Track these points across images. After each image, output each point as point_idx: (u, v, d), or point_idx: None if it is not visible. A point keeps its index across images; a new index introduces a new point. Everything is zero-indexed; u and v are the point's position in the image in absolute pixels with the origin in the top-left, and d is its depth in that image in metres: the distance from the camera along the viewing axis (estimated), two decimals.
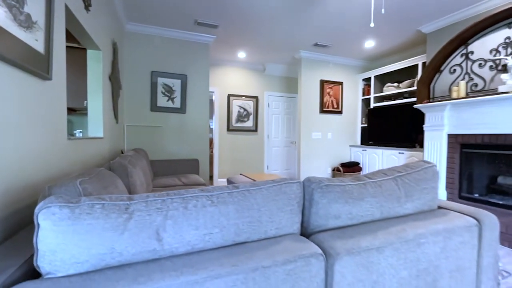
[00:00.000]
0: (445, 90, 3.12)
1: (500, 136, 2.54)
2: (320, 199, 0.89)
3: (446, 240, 0.96)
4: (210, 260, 0.67)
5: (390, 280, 0.84)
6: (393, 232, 0.89)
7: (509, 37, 2.56)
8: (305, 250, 0.74)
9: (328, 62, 4.59)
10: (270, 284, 0.67)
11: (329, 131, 4.72)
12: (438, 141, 3.07)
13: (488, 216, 1.09)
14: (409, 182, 1.07)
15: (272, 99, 5.39)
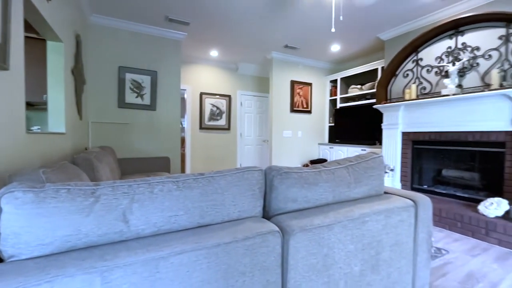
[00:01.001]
0: (400, 92, 3.45)
1: (443, 133, 2.89)
2: (280, 185, 0.99)
3: (387, 219, 1.12)
4: (175, 239, 0.73)
5: (338, 253, 0.96)
6: (342, 212, 1.02)
7: (450, 47, 2.92)
8: (264, 229, 0.83)
9: (298, 63, 4.80)
10: (230, 258, 0.75)
11: (299, 130, 4.93)
12: (394, 138, 3.39)
13: (423, 199, 1.28)
14: (358, 170, 1.22)
15: (244, 98, 5.47)
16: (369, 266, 1.06)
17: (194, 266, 0.70)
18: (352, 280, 1.00)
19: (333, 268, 0.95)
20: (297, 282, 0.87)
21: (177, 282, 0.67)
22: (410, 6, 2.86)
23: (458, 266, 1.82)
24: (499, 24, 2.53)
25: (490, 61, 2.59)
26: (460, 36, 2.84)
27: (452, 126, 2.79)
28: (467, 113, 2.66)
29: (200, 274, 0.70)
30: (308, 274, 0.89)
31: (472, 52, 2.73)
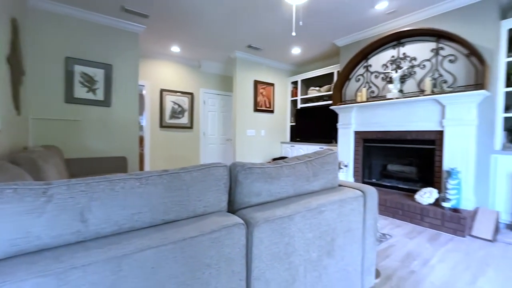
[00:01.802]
0: (353, 95, 3.78)
1: (388, 132, 3.25)
2: (244, 180, 1.03)
3: (340, 208, 1.24)
4: (138, 236, 0.72)
5: (298, 241, 1.04)
6: (301, 204, 1.10)
7: (393, 56, 3.30)
8: (229, 221, 0.86)
9: (262, 64, 4.90)
10: (196, 252, 0.76)
11: (262, 129, 5.04)
12: (348, 137, 3.70)
13: (370, 189, 1.44)
14: (316, 165, 1.32)
15: (208, 96, 5.40)
16: (325, 252, 1.16)
17: (160, 262, 0.69)
18: (311, 265, 1.09)
19: (294, 255, 1.02)
20: (261, 271, 0.92)
21: (141, 278, 0.67)
22: (361, 17, 3.15)
23: (399, 248, 2.09)
24: (431, 38, 2.95)
25: (424, 70, 3.00)
26: (401, 47, 3.22)
27: (395, 126, 3.16)
28: (407, 115, 3.04)
29: (167, 269, 0.70)
30: (271, 262, 0.95)
31: (410, 61, 3.12)
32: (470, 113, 2.55)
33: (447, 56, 2.81)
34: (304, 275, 1.07)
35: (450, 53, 2.79)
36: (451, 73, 2.78)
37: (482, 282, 1.61)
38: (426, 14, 2.96)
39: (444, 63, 2.83)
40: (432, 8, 2.88)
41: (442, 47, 2.86)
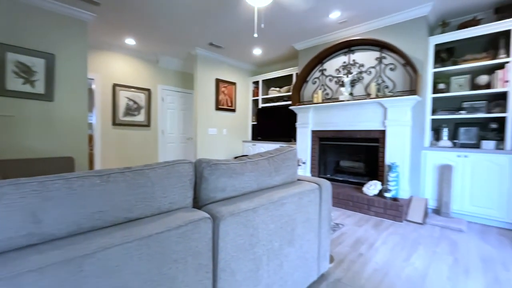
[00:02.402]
0: (310, 96, 4.03)
1: (341, 131, 3.56)
2: (209, 176, 1.05)
3: (299, 200, 1.34)
4: (100, 235, 0.69)
5: (262, 232, 1.11)
6: (264, 197, 1.17)
7: (345, 62, 3.61)
8: (195, 216, 0.88)
9: (223, 62, 4.89)
10: (163, 247, 0.77)
11: (224, 127, 5.04)
12: (306, 135, 3.93)
13: (325, 182, 1.58)
14: (277, 161, 1.40)
15: (166, 93, 5.18)
16: (286, 241, 1.25)
17: (125, 259, 0.68)
18: (273, 254, 1.17)
19: (258, 246, 1.09)
20: (227, 262, 0.95)
21: (105, 277, 0.65)
22: (317, 24, 3.37)
23: (349, 235, 2.32)
24: (376, 48, 3.31)
25: (370, 76, 3.36)
26: (351, 54, 3.55)
27: (347, 126, 3.48)
28: (356, 115, 3.37)
29: (132, 266, 0.70)
30: (236, 254, 0.99)
31: (359, 67, 3.46)
32: (406, 115, 2.94)
33: (389, 64, 3.20)
34: (267, 264, 1.14)
35: (391, 62, 3.18)
36: (392, 80, 3.17)
37: (414, 258, 1.89)
38: (372, 26, 3.32)
39: (386, 71, 3.22)
40: (376, 22, 3.25)
41: (385, 56, 3.24)
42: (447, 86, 3.09)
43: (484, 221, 2.67)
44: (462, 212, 2.76)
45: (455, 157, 2.78)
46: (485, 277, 1.65)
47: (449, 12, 2.99)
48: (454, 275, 1.67)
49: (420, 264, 1.81)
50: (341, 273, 1.68)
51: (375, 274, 1.67)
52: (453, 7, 2.88)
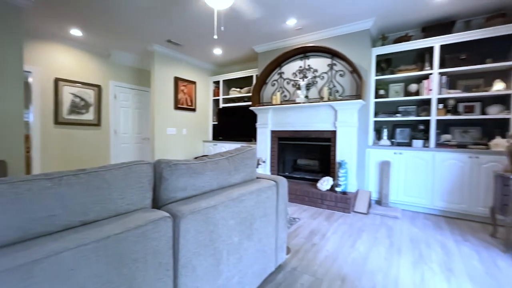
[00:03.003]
0: (269, 98, 4.19)
1: (297, 131, 3.79)
2: (169, 176, 1.06)
3: (258, 197, 1.43)
4: (53, 239, 0.67)
5: (222, 228, 1.16)
6: (224, 195, 1.22)
7: (301, 66, 3.85)
8: (155, 216, 0.89)
9: (183, 60, 4.77)
10: (121, 248, 0.77)
11: (184, 127, 4.92)
12: (265, 135, 4.08)
13: (281, 179, 1.70)
14: (237, 160, 1.47)
15: (120, 90, 4.84)
16: (246, 236, 1.33)
17: (80, 262, 0.67)
18: (233, 248, 1.23)
19: (218, 241, 1.14)
20: (188, 259, 0.98)
21: (58, 282, 0.63)
22: (275, 29, 3.53)
23: (305, 227, 2.50)
24: (328, 55, 3.61)
25: (323, 80, 3.65)
26: (307, 60, 3.80)
27: (303, 126, 3.71)
28: (311, 117, 3.62)
29: (88, 269, 0.69)
30: (197, 250, 1.03)
31: (313, 72, 3.73)
32: (353, 117, 3.28)
33: (339, 71, 3.52)
34: (228, 258, 1.19)
35: (341, 69, 3.50)
36: (341, 85, 3.49)
37: (359, 244, 2.14)
38: (324, 34, 3.60)
39: (337, 76, 3.53)
40: (328, 31, 3.54)
41: (335, 63, 3.55)
42: (386, 92, 3.53)
43: (414, 208, 3.13)
44: (398, 202, 3.19)
45: (393, 154, 3.19)
46: (413, 254, 1.96)
47: (387, 27, 3.42)
48: (390, 255, 1.95)
49: (363, 249, 2.06)
50: (296, 262, 1.82)
51: (326, 260, 1.86)
52: (390, 23, 3.30)
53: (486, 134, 3.01)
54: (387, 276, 1.66)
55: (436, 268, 1.76)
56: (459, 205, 2.82)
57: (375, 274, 1.69)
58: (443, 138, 3.12)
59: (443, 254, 1.98)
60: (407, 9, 2.91)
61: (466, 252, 2.01)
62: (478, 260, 1.88)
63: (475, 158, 2.72)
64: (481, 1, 2.73)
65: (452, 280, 1.63)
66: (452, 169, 2.84)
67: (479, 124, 3.06)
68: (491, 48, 2.92)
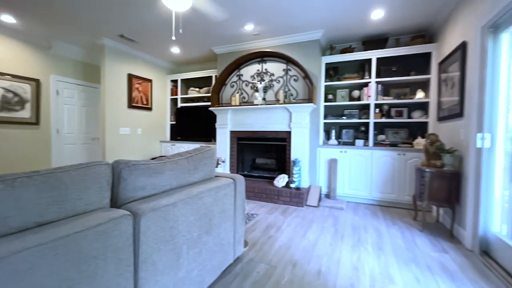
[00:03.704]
0: (228, 99, 4.28)
1: (256, 132, 3.96)
2: (128, 176, 1.09)
3: (216, 194, 1.52)
4: (9, 240, 0.67)
5: (182, 224, 1.23)
6: (184, 193, 1.29)
7: (258, 70, 4.04)
8: (115, 214, 0.93)
9: (137, 57, 4.56)
10: (81, 246, 0.79)
11: (139, 127, 4.70)
12: (225, 136, 4.16)
13: (239, 177, 1.82)
14: (196, 160, 1.54)
15: (63, 86, 4.40)
16: (204, 231, 1.41)
17: (39, 261, 0.69)
18: (193, 243, 1.30)
19: (178, 236, 1.20)
20: (148, 254, 1.03)
21: (15, 281, 0.64)
22: (234, 33, 3.63)
23: (262, 222, 2.67)
24: (283, 61, 3.86)
25: (279, 84, 3.88)
26: (264, 64, 4.00)
27: (261, 127, 3.90)
28: (268, 118, 3.83)
29: (48, 267, 0.70)
30: (157, 245, 1.08)
31: (270, 76, 3.94)
32: (305, 119, 3.57)
33: (293, 76, 3.79)
34: (187, 252, 1.26)
35: (295, 74, 3.78)
36: (295, 89, 3.77)
37: (309, 233, 2.39)
38: (280, 41, 3.83)
39: (291, 81, 3.80)
40: (284, 38, 3.78)
41: (290, 68, 3.81)
42: (334, 96, 3.92)
43: (357, 199, 3.56)
44: (344, 195, 3.58)
45: (339, 153, 3.58)
46: (353, 239, 2.27)
47: (334, 39, 3.80)
48: (334, 241, 2.23)
49: (313, 237, 2.30)
50: (253, 254, 1.97)
51: (280, 249, 2.04)
52: (336, 35, 3.68)
53: (411, 134, 3.58)
54: (331, 259, 1.91)
55: (370, 248, 2.09)
56: (391, 195, 3.31)
57: (321, 257, 1.92)
58: (379, 138, 3.62)
59: (376, 236, 2.34)
60: (350, 24, 3.29)
61: (393, 234, 2.40)
62: (401, 239, 2.28)
63: (403, 155, 3.23)
64: (407, 23, 3.24)
65: (381, 256, 1.95)
66: (385, 165, 3.32)
67: (406, 126, 3.63)
68: (415, 63, 3.49)
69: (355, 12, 2.96)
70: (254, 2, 2.79)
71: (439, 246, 2.15)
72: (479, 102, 2.03)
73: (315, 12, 2.99)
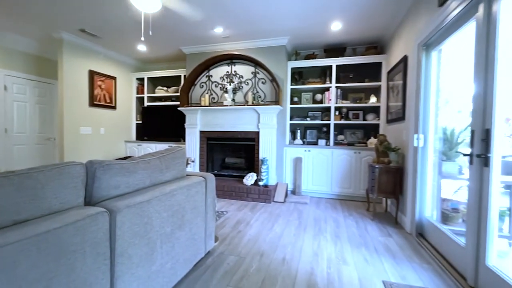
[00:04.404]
0: (198, 99, 4.31)
1: (225, 132, 4.06)
2: (103, 175, 1.14)
3: (188, 191, 1.61)
4: None
5: (156, 220, 1.30)
6: (157, 190, 1.36)
7: (228, 71, 4.14)
8: (92, 211, 0.98)
9: (100, 53, 4.34)
10: (61, 240, 0.84)
11: (101, 126, 4.49)
12: (194, 136, 4.19)
13: (209, 175, 1.92)
14: (168, 159, 1.61)
15: (11, 81, 4.02)
16: (177, 226, 1.49)
17: (22, 255, 0.73)
18: (166, 238, 1.38)
19: (152, 232, 1.27)
20: (124, 248, 1.10)
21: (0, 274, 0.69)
22: (204, 34, 3.69)
23: (232, 219, 2.79)
24: (252, 64, 4.01)
25: (248, 86, 4.03)
26: (233, 66, 4.11)
27: (230, 127, 4.01)
28: (237, 119, 3.95)
29: (30, 260, 0.75)
30: (133, 240, 1.15)
31: (239, 78, 4.07)
32: (273, 120, 3.77)
33: (261, 78, 3.97)
34: (161, 247, 1.34)
35: (262, 77, 3.96)
36: (263, 91, 3.95)
37: (276, 226, 2.57)
38: (249, 45, 3.98)
39: (259, 83, 3.97)
40: (253, 42, 3.94)
41: (258, 71, 3.98)
42: (299, 99, 4.19)
43: (319, 195, 3.87)
44: (308, 191, 3.87)
45: (304, 152, 3.85)
46: (314, 229, 2.51)
47: (299, 45, 4.07)
48: (298, 232, 2.44)
49: (279, 230, 2.49)
50: (224, 247, 2.08)
51: (249, 242, 2.18)
52: (301, 42, 3.95)
53: (366, 135, 3.99)
54: (295, 247, 2.11)
55: (329, 237, 2.34)
56: (348, 189, 3.67)
57: (286, 247, 2.11)
58: (339, 138, 3.97)
59: (334, 226, 2.61)
60: (313, 33, 3.57)
61: (349, 223, 2.71)
62: (355, 228, 2.58)
63: (358, 153, 3.60)
64: (362, 35, 3.62)
65: (338, 243, 2.21)
66: (344, 162, 3.67)
67: (362, 128, 4.03)
68: (369, 71, 3.90)
69: (317, 22, 3.23)
70: (224, 8, 2.89)
71: (385, 231, 2.48)
72: (415, 107, 2.40)
73: (281, 20, 3.20)
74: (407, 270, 1.78)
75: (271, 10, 2.94)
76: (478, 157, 1.48)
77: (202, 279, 1.63)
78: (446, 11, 1.86)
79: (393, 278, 1.68)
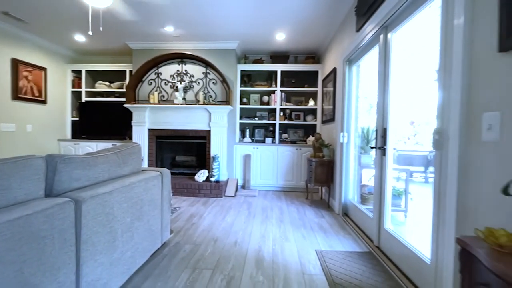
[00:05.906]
0: (146, 96, 4.20)
1: (176, 130, 4.08)
2: (64, 169, 1.18)
3: (146, 184, 1.70)
4: None
5: (117, 211, 1.38)
6: (118, 183, 1.44)
7: (178, 70, 4.17)
8: (60, 201, 1.04)
9: (26, 40, 3.83)
10: (33, 226, 0.91)
11: (28, 123, 3.97)
12: (142, 133, 4.08)
13: (165, 170, 2.03)
14: (125, 155, 1.68)
15: None
16: (136, 217, 1.58)
17: None
18: (126, 227, 1.47)
19: (113, 221, 1.36)
20: (88, 236, 1.17)
21: None
22: (154, 32, 3.64)
23: (185, 213, 2.90)
24: (203, 64, 4.13)
25: (199, 86, 4.14)
26: (184, 65, 4.16)
27: (181, 126, 4.05)
28: (189, 117, 4.03)
29: (5, 244, 0.81)
30: (96, 228, 1.22)
31: (190, 77, 4.15)
32: (224, 119, 3.98)
33: (212, 79, 4.12)
34: (122, 235, 1.43)
35: (213, 78, 4.13)
36: (214, 91, 4.12)
37: (227, 217, 2.80)
38: (201, 45, 4.09)
39: (210, 84, 4.13)
40: (203, 43, 4.06)
41: (209, 72, 4.13)
42: (248, 100, 4.50)
43: (267, 188, 4.24)
44: (257, 185, 4.20)
45: (252, 149, 4.16)
46: (262, 217, 2.83)
47: (248, 50, 4.37)
48: (248, 220, 2.72)
49: (230, 219, 2.73)
50: (179, 238, 2.21)
51: (203, 232, 2.36)
52: (249, 48, 4.26)
53: (306, 133, 4.54)
54: (245, 232, 2.37)
55: (274, 222, 2.68)
56: (291, 182, 4.14)
57: (237, 232, 2.36)
58: (283, 136, 4.42)
59: (279, 213, 2.98)
60: (260, 40, 3.91)
61: (291, 210, 3.12)
62: (296, 213, 3.00)
63: (299, 149, 4.10)
64: (302, 46, 4.13)
65: (281, 226, 2.56)
66: (287, 158, 4.12)
67: (302, 127, 4.57)
68: (308, 77, 4.45)
69: (265, 31, 3.57)
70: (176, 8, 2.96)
71: (320, 214, 2.97)
72: (341, 110, 2.94)
73: (232, 26, 3.43)
74: (334, 241, 2.23)
75: (223, 15, 3.14)
76: (379, 149, 1.99)
77: (160, 266, 1.75)
78: (361, 36, 2.38)
79: (323, 247, 2.09)
